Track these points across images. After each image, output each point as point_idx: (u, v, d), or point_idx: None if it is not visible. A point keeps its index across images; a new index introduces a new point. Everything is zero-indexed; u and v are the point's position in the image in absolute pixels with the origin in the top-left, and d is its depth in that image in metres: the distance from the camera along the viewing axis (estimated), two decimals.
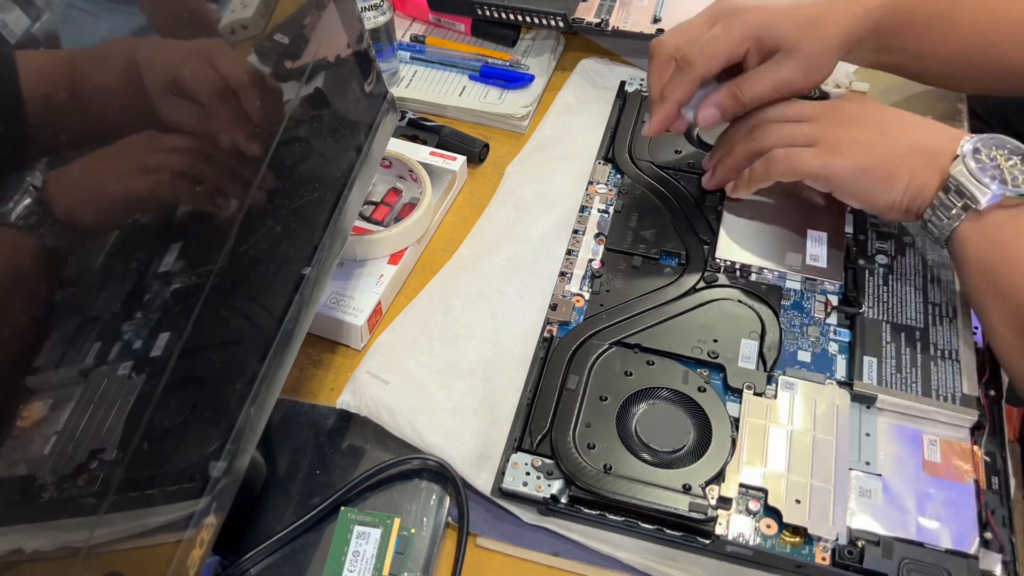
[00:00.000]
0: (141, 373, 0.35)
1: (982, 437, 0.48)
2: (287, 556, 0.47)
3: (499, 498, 0.48)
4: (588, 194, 0.62)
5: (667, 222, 0.60)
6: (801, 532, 0.45)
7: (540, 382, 0.51)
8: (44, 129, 0.30)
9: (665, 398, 0.50)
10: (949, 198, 0.47)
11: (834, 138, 0.52)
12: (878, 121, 0.52)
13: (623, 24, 0.71)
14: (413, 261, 0.62)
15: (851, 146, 0.51)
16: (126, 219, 0.34)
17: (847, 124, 0.52)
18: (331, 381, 0.56)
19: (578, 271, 0.58)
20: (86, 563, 0.33)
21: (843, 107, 0.54)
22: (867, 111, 0.53)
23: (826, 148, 0.52)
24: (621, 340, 0.53)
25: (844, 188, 0.52)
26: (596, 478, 0.46)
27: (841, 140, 0.52)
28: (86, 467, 0.32)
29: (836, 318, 0.54)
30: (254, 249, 0.43)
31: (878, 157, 0.50)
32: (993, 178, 0.46)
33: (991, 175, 0.46)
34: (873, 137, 0.51)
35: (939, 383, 0.49)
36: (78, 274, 0.32)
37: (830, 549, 0.44)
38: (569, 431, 0.48)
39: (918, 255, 0.56)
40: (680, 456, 0.47)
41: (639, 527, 0.46)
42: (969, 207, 0.47)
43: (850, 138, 0.51)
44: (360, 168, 0.53)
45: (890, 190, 0.50)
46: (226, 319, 0.41)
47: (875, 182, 0.50)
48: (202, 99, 0.39)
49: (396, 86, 0.74)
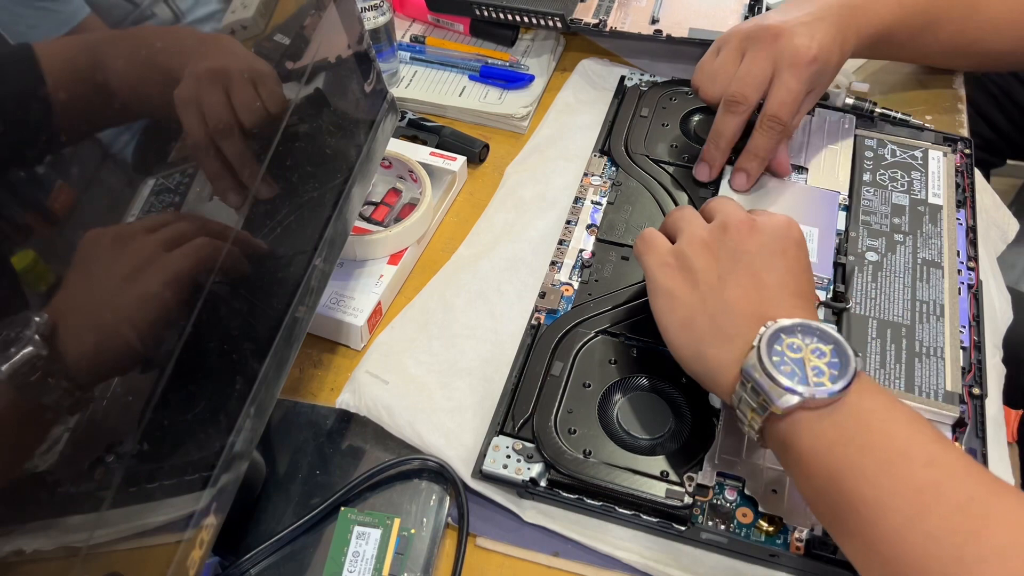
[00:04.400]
0: (141, 373, 0.35)
1: (963, 434, 0.48)
2: (287, 556, 0.47)
3: (479, 480, 0.48)
4: (583, 185, 0.63)
5: (660, 215, 0.60)
6: (776, 522, 0.45)
7: (525, 368, 0.51)
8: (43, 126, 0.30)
9: (647, 387, 0.50)
10: (746, 394, 0.41)
11: (687, 266, 0.46)
12: (738, 265, 0.45)
13: (621, 25, 0.71)
14: (413, 261, 0.62)
15: (685, 288, 0.46)
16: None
17: (704, 254, 0.46)
18: (331, 381, 0.56)
19: (568, 260, 0.58)
20: (86, 563, 0.33)
21: (734, 231, 0.46)
22: (750, 246, 0.45)
23: (670, 274, 0.47)
24: (607, 329, 0.53)
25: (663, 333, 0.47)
26: (575, 463, 0.46)
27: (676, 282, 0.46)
28: (86, 467, 0.32)
29: (823, 314, 0.54)
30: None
31: (700, 313, 0.44)
32: (792, 375, 0.39)
33: (789, 371, 0.39)
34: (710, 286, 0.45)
35: (922, 380, 0.49)
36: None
37: (804, 539, 0.44)
38: (551, 416, 0.49)
39: (908, 253, 0.56)
40: (659, 444, 0.48)
41: (616, 512, 0.46)
42: (767, 407, 0.40)
43: (687, 280, 0.46)
44: (360, 168, 0.53)
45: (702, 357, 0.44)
46: (226, 319, 0.41)
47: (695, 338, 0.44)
48: (201, 100, 0.39)
49: (396, 86, 0.74)
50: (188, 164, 0.38)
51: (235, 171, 0.42)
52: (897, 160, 0.62)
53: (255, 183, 0.42)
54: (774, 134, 0.57)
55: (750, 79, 0.55)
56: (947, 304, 0.53)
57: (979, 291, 0.55)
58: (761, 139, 0.57)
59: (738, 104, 0.56)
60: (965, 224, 0.59)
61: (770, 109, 0.56)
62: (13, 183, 0.29)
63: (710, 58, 0.60)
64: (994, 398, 0.51)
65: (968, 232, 0.58)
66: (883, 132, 0.65)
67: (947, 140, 0.64)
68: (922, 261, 0.55)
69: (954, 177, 0.61)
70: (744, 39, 0.57)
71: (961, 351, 0.51)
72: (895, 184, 0.60)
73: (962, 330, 0.52)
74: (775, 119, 0.56)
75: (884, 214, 0.58)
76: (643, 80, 0.70)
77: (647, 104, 0.68)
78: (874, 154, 0.63)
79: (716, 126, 0.58)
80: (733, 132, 0.58)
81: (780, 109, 0.55)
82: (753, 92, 0.56)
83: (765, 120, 0.56)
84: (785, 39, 0.55)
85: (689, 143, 0.65)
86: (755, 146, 0.57)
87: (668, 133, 0.66)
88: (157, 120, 0.37)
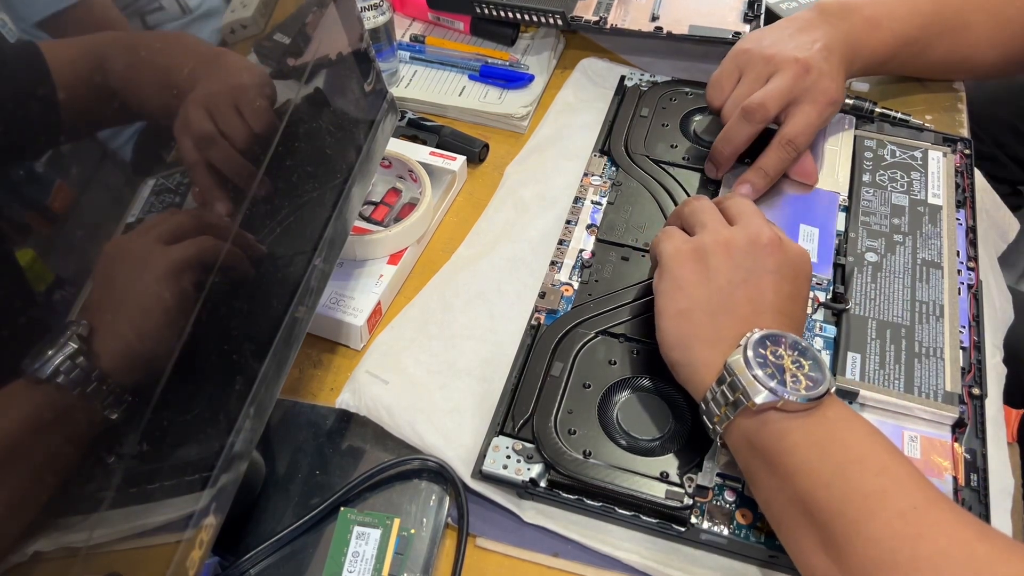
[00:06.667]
0: (142, 373, 0.35)
1: (963, 435, 0.48)
2: (287, 557, 0.47)
3: (479, 480, 0.48)
4: (583, 185, 0.63)
5: (660, 215, 0.60)
6: None
7: (525, 368, 0.51)
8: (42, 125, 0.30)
9: (647, 387, 0.50)
10: (722, 390, 0.42)
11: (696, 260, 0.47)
12: (733, 266, 0.46)
13: (621, 22, 0.71)
14: (413, 261, 0.62)
15: (685, 283, 0.47)
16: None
17: (724, 255, 0.47)
18: (331, 381, 0.56)
19: (568, 261, 0.58)
20: (86, 563, 0.33)
21: (736, 233, 0.47)
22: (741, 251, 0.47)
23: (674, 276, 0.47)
24: (607, 329, 0.53)
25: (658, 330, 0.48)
26: (575, 463, 0.46)
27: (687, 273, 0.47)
28: (86, 467, 0.32)
29: (823, 314, 0.54)
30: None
31: (698, 304, 0.46)
32: (772, 376, 0.41)
33: (770, 372, 0.41)
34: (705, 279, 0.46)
35: (922, 380, 0.49)
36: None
37: None
38: (551, 417, 0.49)
39: (908, 253, 0.56)
40: (659, 444, 0.48)
41: (616, 513, 0.46)
42: (741, 403, 0.41)
43: (693, 272, 0.47)
44: (360, 168, 0.53)
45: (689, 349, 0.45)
46: (226, 319, 0.41)
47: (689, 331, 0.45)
48: (201, 101, 0.39)
49: (396, 86, 0.74)
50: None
51: (235, 172, 0.41)
52: (897, 160, 0.62)
53: (254, 183, 0.42)
54: (787, 156, 0.58)
55: (775, 97, 0.57)
56: (947, 304, 0.53)
57: (979, 291, 0.55)
58: (774, 158, 0.58)
59: (756, 115, 0.57)
60: (965, 224, 0.59)
61: (789, 133, 0.57)
62: (14, 183, 0.29)
63: (728, 78, 0.60)
64: (994, 398, 0.51)
65: (968, 232, 0.58)
66: (883, 132, 0.65)
67: (947, 140, 0.64)
68: (922, 261, 0.55)
69: (954, 177, 0.61)
70: (769, 64, 0.58)
71: (961, 351, 0.51)
72: (895, 184, 0.60)
73: (962, 330, 0.52)
74: (792, 143, 0.57)
75: (884, 214, 0.58)
76: (643, 80, 0.70)
77: (647, 104, 0.68)
78: (874, 154, 0.63)
79: (729, 131, 0.59)
80: (745, 139, 0.58)
81: (798, 136, 0.57)
82: (775, 109, 0.57)
83: (783, 141, 0.58)
84: (814, 75, 0.57)
85: (689, 143, 0.65)
86: (767, 164, 0.58)
87: (668, 133, 0.66)
88: (157, 121, 0.36)
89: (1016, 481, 0.49)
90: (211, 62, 0.40)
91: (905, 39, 0.63)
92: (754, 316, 0.45)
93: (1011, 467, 0.50)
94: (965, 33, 0.65)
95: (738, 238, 0.47)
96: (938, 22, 0.64)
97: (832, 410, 0.42)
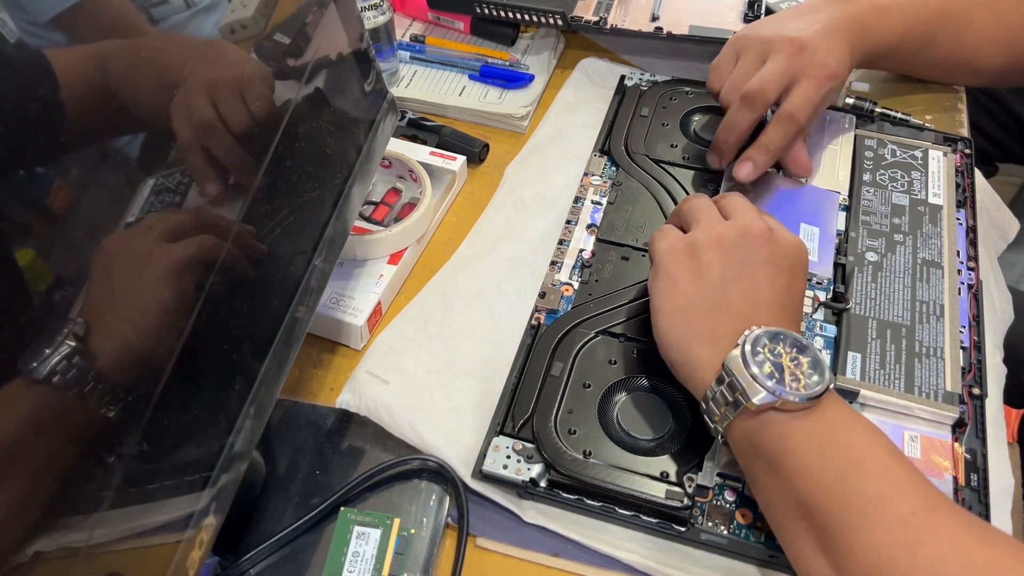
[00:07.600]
0: (142, 373, 0.35)
1: (963, 435, 0.48)
2: (287, 557, 0.47)
3: (479, 480, 0.48)
4: (583, 185, 0.63)
5: (660, 215, 0.60)
6: None
7: (525, 368, 0.51)
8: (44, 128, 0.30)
9: (647, 387, 0.50)
10: (722, 390, 0.42)
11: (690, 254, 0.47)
12: (728, 262, 0.46)
13: (621, 22, 0.71)
14: (413, 261, 0.62)
15: (681, 279, 0.47)
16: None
17: (717, 250, 0.46)
18: (331, 381, 0.56)
19: (568, 260, 0.58)
20: (86, 563, 0.32)
21: (730, 232, 0.47)
22: (738, 250, 0.46)
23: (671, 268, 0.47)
24: (607, 329, 0.53)
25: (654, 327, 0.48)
26: (575, 463, 0.46)
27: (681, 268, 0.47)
28: (86, 467, 0.32)
29: (823, 314, 0.54)
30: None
31: (693, 304, 0.46)
32: (770, 376, 0.41)
33: (768, 372, 0.41)
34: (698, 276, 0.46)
35: (922, 380, 0.49)
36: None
37: None
38: (551, 417, 0.49)
39: (908, 253, 0.56)
40: (660, 444, 0.48)
41: (616, 512, 0.46)
42: (740, 403, 0.41)
43: (689, 269, 0.47)
44: (360, 168, 0.53)
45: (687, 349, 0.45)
46: (226, 319, 0.41)
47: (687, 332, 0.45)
48: (200, 101, 0.39)
49: (396, 86, 0.74)
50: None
51: (235, 171, 0.41)
52: (897, 160, 0.62)
53: (255, 183, 0.42)
54: (788, 130, 0.57)
55: (772, 80, 0.56)
56: (947, 304, 0.53)
57: (979, 291, 0.55)
58: (775, 132, 0.57)
59: (756, 100, 0.57)
60: (965, 224, 0.59)
61: (788, 108, 0.57)
62: (14, 183, 0.29)
63: (728, 63, 0.60)
64: (994, 398, 0.51)
65: (968, 232, 0.58)
66: (883, 132, 0.65)
67: (947, 140, 0.64)
68: (922, 261, 0.55)
69: (954, 177, 0.61)
70: (765, 45, 0.58)
71: (961, 351, 0.51)
72: (895, 184, 0.60)
73: (962, 330, 0.52)
74: (792, 117, 0.57)
75: (884, 214, 0.58)
76: (643, 79, 0.70)
77: (647, 104, 0.68)
78: (874, 154, 0.63)
79: (730, 119, 0.58)
80: (747, 126, 0.58)
81: (797, 111, 0.57)
82: (774, 92, 0.56)
83: (782, 116, 0.57)
84: (809, 51, 0.56)
85: (689, 143, 0.65)
86: (768, 139, 0.58)
87: (668, 133, 0.66)
88: (158, 121, 0.36)
89: (1016, 481, 0.49)
90: (211, 59, 0.40)
91: (912, 29, 0.63)
92: (751, 312, 0.44)
93: (1011, 467, 0.50)
94: (969, 32, 0.65)
95: (729, 232, 0.47)
96: (945, 17, 0.64)
97: (832, 410, 0.41)
